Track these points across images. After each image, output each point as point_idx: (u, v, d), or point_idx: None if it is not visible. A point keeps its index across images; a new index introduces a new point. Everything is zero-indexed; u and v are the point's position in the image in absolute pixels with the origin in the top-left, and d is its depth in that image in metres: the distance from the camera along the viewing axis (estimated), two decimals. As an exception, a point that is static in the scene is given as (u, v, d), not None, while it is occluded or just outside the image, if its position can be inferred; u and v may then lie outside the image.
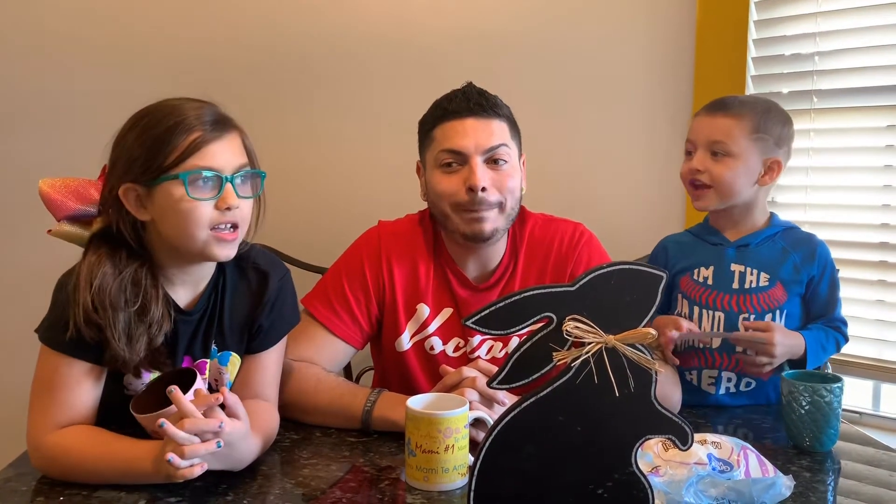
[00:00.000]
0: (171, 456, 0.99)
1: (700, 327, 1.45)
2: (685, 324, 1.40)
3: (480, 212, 1.39)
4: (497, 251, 1.49)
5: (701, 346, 1.44)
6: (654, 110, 2.04)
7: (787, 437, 1.27)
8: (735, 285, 1.43)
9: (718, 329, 1.43)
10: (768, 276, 1.43)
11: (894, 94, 1.75)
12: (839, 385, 1.23)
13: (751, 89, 1.92)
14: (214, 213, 1.12)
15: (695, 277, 1.46)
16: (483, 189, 1.37)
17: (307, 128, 2.11)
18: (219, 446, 1.03)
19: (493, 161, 1.40)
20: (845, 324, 1.45)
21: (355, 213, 1.76)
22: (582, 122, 2.08)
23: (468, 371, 1.25)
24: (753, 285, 1.43)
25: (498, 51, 2.06)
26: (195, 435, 1.01)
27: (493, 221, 1.41)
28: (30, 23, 2.08)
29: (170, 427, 1.00)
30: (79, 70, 2.08)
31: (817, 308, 1.45)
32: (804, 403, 1.22)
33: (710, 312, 1.44)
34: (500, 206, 1.41)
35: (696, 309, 1.45)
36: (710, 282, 1.45)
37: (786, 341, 1.37)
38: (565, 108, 2.07)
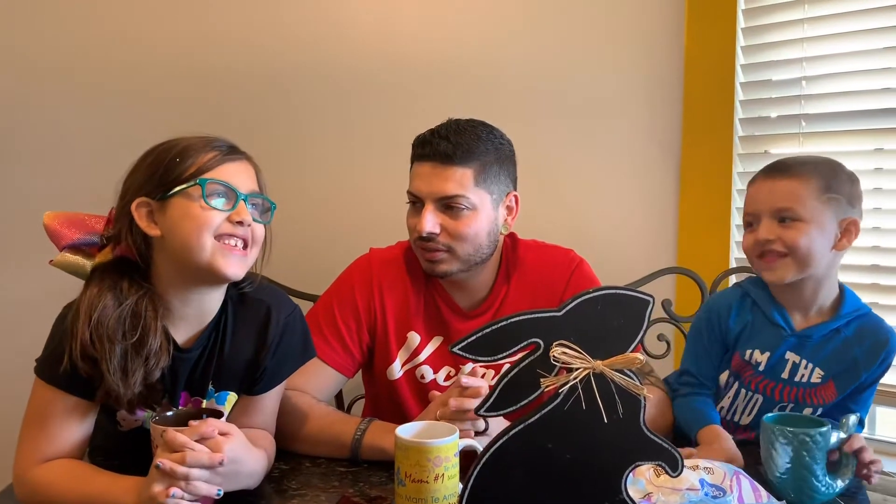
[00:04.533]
0: (175, 490, 0.98)
1: (733, 403, 1.37)
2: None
3: (430, 253, 1.41)
4: (486, 279, 1.49)
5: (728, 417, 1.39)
6: (644, 137, 2.05)
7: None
8: (784, 375, 1.33)
9: (753, 410, 1.36)
10: (822, 374, 1.31)
11: (881, 118, 1.77)
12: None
13: (739, 114, 1.93)
14: (226, 224, 1.12)
15: (746, 358, 1.35)
16: (433, 233, 1.38)
17: (298, 156, 2.12)
18: (219, 494, 1.03)
19: (448, 207, 1.39)
20: None
21: (346, 240, 1.76)
22: (572, 149, 2.09)
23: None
24: (804, 380, 1.32)
25: (487, 81, 2.08)
26: (200, 467, 1.01)
27: (446, 263, 1.42)
28: (42, 57, 2.10)
29: (168, 464, 0.99)
30: (85, 105, 2.10)
31: (852, 403, 1.34)
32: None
33: (749, 393, 1.35)
34: (450, 251, 1.40)
35: (737, 384, 1.37)
36: (761, 367, 1.34)
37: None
38: (555, 138, 2.08)
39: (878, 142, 1.78)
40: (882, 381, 1.74)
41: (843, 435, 1.16)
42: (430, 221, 1.38)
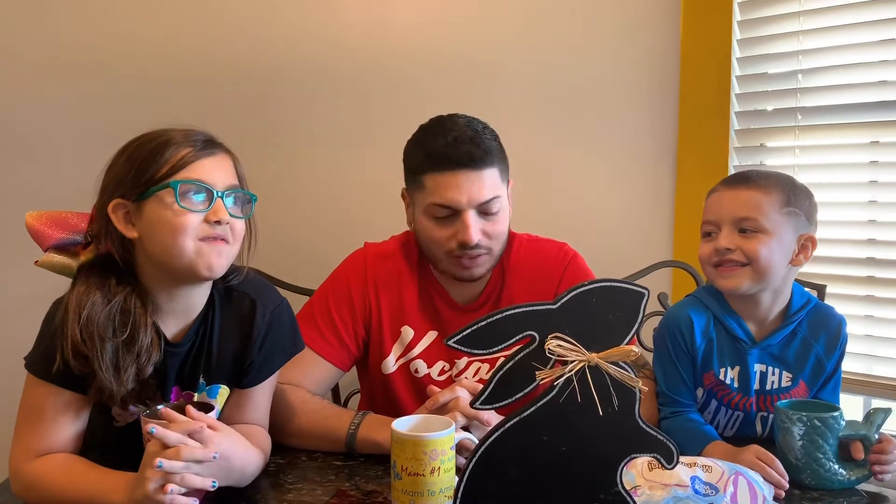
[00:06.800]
0: (172, 486, 0.99)
1: (714, 419, 1.36)
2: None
3: (472, 260, 1.40)
4: (483, 273, 1.49)
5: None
6: (640, 130, 2.04)
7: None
8: (756, 386, 1.33)
9: (735, 425, 1.35)
10: (791, 376, 1.32)
11: (877, 111, 1.76)
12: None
13: (735, 107, 1.93)
14: (203, 226, 1.11)
15: (720, 377, 1.33)
16: (480, 241, 1.38)
17: (293, 150, 2.11)
18: (214, 486, 1.03)
19: (484, 211, 1.38)
20: None
21: (341, 234, 1.75)
22: (567, 143, 2.08)
23: (459, 391, 1.25)
24: (775, 386, 1.32)
25: (483, 74, 2.07)
26: (193, 462, 1.01)
27: (484, 265, 1.42)
28: (23, 53, 2.09)
29: (168, 462, 0.99)
30: (66, 99, 2.09)
31: (823, 395, 1.34)
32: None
33: (729, 411, 1.34)
34: (489, 253, 1.41)
35: (714, 403, 1.35)
36: (735, 384, 1.33)
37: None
38: (550, 131, 2.08)
39: (874, 135, 1.79)
40: (882, 374, 1.76)
41: (861, 429, 1.16)
42: (476, 230, 1.37)
